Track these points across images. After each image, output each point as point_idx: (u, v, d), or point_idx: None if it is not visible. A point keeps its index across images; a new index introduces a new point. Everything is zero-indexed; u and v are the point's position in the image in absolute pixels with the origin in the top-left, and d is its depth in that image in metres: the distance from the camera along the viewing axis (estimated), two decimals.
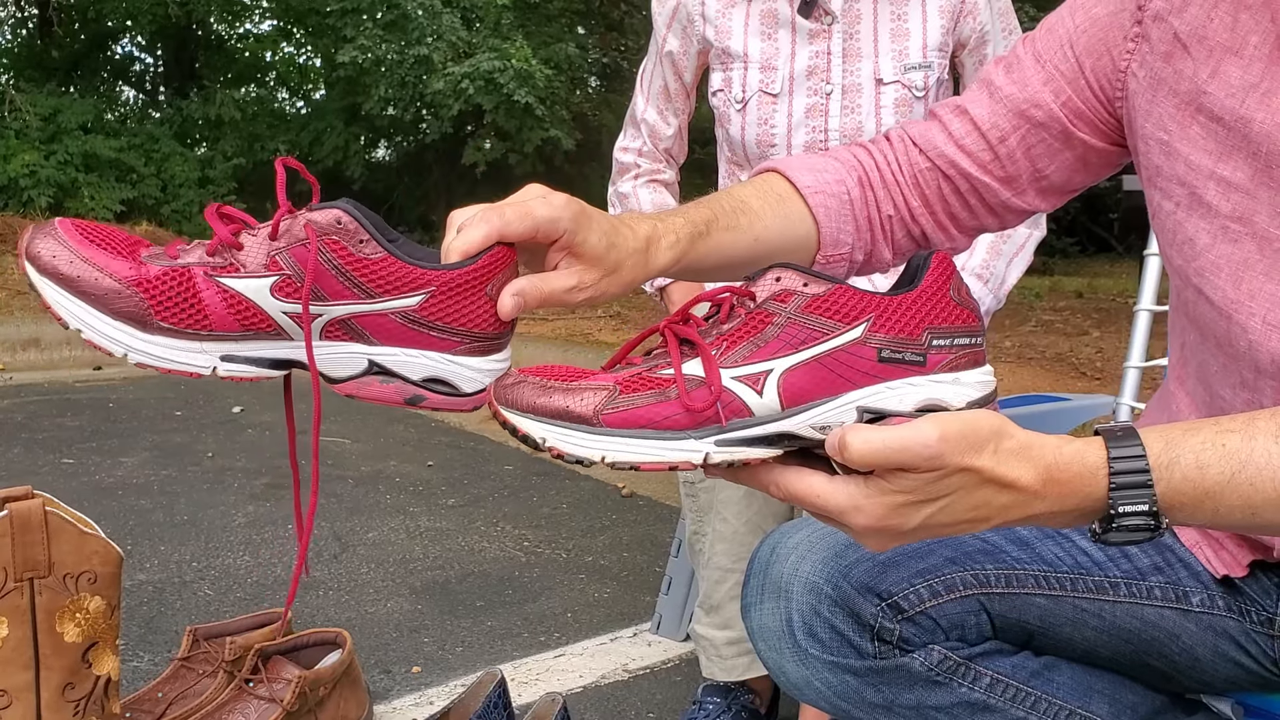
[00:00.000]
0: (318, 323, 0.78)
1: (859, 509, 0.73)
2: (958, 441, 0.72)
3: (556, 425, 0.73)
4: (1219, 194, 0.93)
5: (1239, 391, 0.96)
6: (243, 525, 2.94)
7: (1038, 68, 1.05)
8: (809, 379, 0.77)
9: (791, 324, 0.77)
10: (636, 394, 0.75)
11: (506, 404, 0.75)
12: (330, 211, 0.79)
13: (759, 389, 0.76)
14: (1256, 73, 0.90)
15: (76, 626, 1.39)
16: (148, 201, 12.74)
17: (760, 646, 1.06)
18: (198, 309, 0.77)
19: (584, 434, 0.73)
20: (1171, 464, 0.75)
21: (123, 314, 0.77)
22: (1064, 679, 1.02)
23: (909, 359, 0.78)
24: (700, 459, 0.74)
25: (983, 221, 1.11)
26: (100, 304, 0.77)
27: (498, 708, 1.65)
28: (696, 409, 0.74)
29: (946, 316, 0.80)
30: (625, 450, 0.73)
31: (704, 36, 1.83)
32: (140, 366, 0.78)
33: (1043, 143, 1.05)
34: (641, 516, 3.21)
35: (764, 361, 0.76)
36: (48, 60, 14.68)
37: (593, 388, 0.75)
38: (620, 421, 0.73)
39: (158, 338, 0.77)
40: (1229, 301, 0.93)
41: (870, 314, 0.78)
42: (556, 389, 0.75)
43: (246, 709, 1.66)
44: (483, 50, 11.13)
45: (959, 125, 1.08)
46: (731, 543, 1.82)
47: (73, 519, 1.40)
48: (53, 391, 4.76)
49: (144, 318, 0.77)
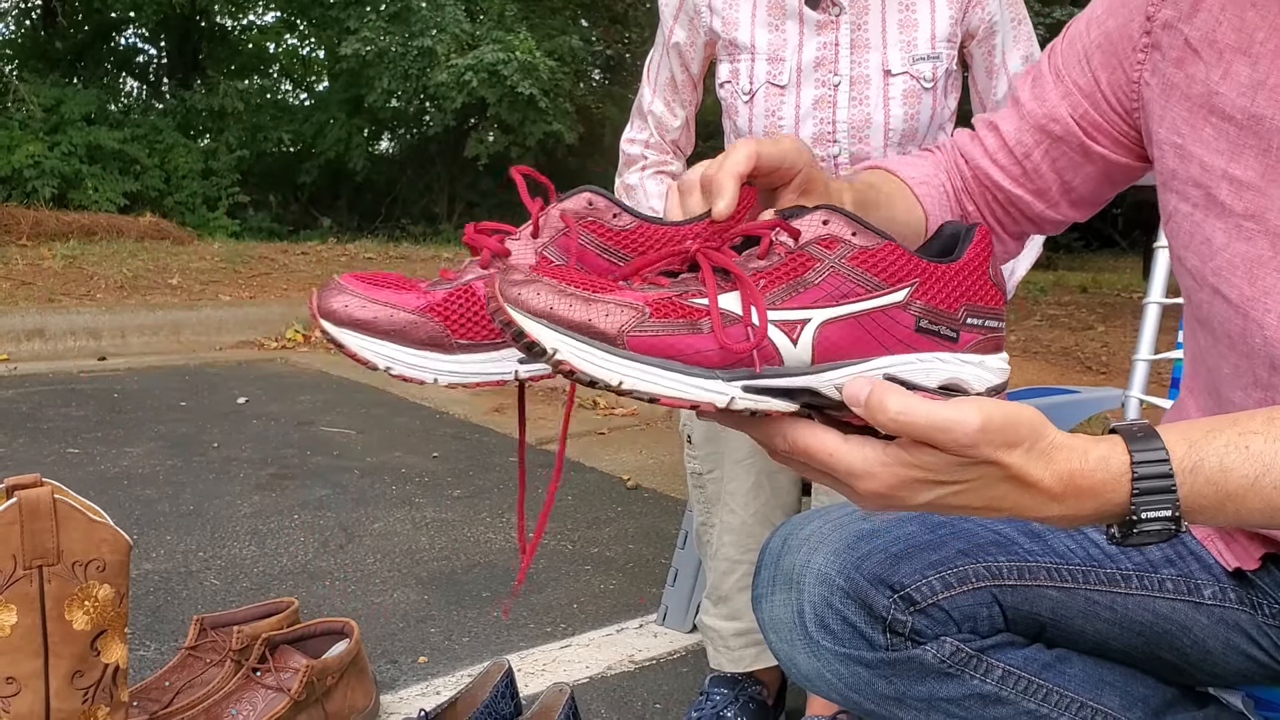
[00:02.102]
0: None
1: (871, 474, 0.71)
2: (997, 434, 0.70)
3: (573, 337, 0.65)
4: (1231, 193, 0.93)
5: (1251, 392, 0.96)
6: (248, 515, 2.95)
7: (1057, 83, 1.08)
8: (845, 335, 0.72)
9: (835, 274, 0.73)
10: (668, 320, 0.68)
11: (514, 302, 0.65)
12: (579, 196, 0.80)
13: (794, 337, 0.71)
14: (1264, 69, 0.90)
15: (85, 614, 1.39)
16: (151, 193, 12.76)
17: (771, 638, 1.06)
18: (488, 318, 0.78)
19: (604, 353, 0.65)
20: (1195, 468, 0.74)
21: (423, 342, 0.78)
22: (1075, 671, 1.02)
23: (944, 333, 0.75)
24: (725, 403, 0.68)
25: (1023, 228, 1.15)
26: (401, 338, 0.77)
27: (505, 698, 1.65)
28: (734, 350, 0.68)
29: (983, 295, 0.77)
30: (647, 379, 0.66)
31: (711, 28, 1.82)
32: (451, 388, 0.79)
33: (1065, 156, 1.08)
34: (647, 508, 3.20)
35: (803, 309, 0.71)
36: (51, 51, 14.68)
37: (620, 304, 0.67)
38: (647, 347, 0.66)
39: (459, 356, 0.78)
40: (1245, 299, 0.93)
41: (915, 279, 0.75)
42: (577, 296, 0.66)
43: (254, 698, 1.66)
44: (486, 42, 11.13)
45: (992, 140, 1.12)
46: (739, 534, 1.82)
47: (81, 507, 1.40)
48: (58, 382, 4.76)
49: (442, 340, 0.78)
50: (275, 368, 5.46)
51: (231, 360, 5.59)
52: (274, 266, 7.90)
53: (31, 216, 8.60)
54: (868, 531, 1.04)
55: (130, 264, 7.14)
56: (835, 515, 1.08)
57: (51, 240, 8.01)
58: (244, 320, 6.28)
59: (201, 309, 6.24)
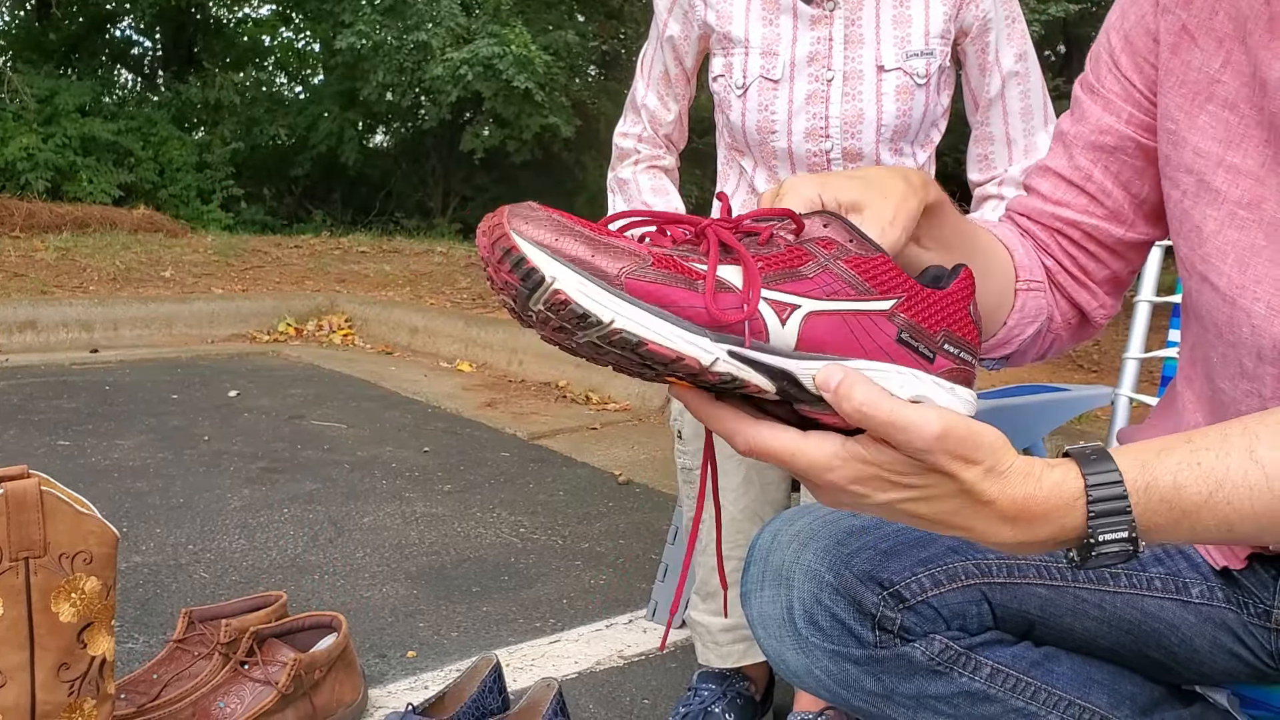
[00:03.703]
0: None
1: (830, 468, 0.72)
2: (955, 446, 0.70)
3: (572, 269, 0.65)
4: (1228, 180, 0.93)
5: (1238, 382, 0.96)
6: (238, 509, 2.94)
7: (1093, 98, 1.08)
8: (830, 329, 0.73)
9: (828, 272, 0.74)
10: (667, 272, 0.68)
11: (519, 231, 0.65)
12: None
13: (783, 318, 0.72)
14: (1259, 58, 0.90)
15: (72, 607, 1.39)
16: (145, 186, 12.72)
17: (760, 634, 1.05)
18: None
19: (600, 289, 0.65)
20: (1149, 487, 0.74)
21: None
22: (1063, 669, 1.02)
23: (922, 351, 0.76)
24: (709, 361, 0.68)
25: (1111, 268, 1.12)
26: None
27: (493, 693, 1.65)
28: (723, 315, 0.68)
29: (962, 328, 0.80)
30: (638, 321, 0.66)
31: (705, 21, 1.82)
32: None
33: (1126, 166, 1.07)
34: (638, 504, 3.20)
35: (794, 295, 0.73)
36: (46, 42, 14.63)
37: (624, 249, 0.68)
38: (643, 292, 0.66)
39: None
40: (1234, 287, 0.93)
41: (902, 293, 0.76)
42: (583, 236, 0.67)
43: (241, 691, 1.66)
44: (482, 36, 11.09)
45: (1047, 184, 1.11)
46: (728, 529, 1.82)
47: (69, 499, 1.39)
48: (49, 373, 4.75)
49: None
50: (267, 361, 5.45)
51: (223, 353, 5.58)
52: (267, 260, 7.88)
53: (24, 208, 8.58)
54: (857, 528, 1.04)
55: (123, 256, 7.12)
56: (824, 512, 1.08)
57: (44, 232, 7.99)
58: (236, 313, 6.27)
59: (194, 302, 6.22)
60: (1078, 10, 8.88)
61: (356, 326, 6.43)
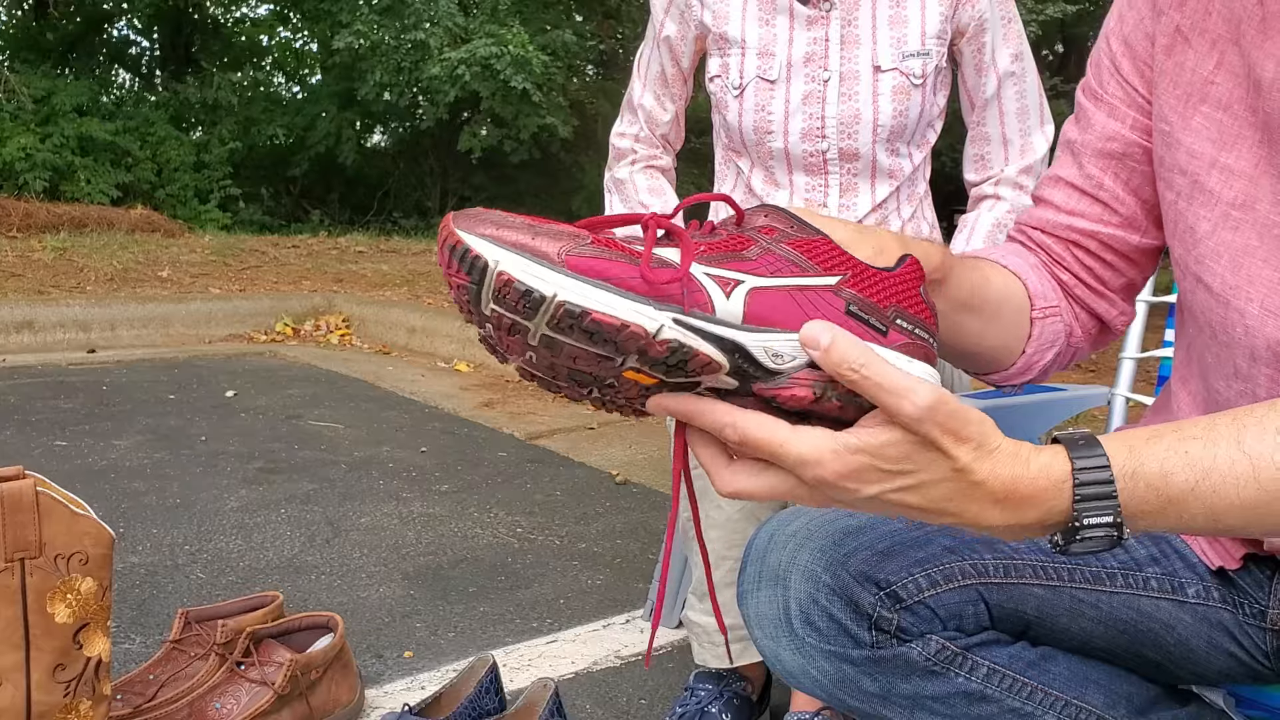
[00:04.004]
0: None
1: (820, 461, 0.71)
2: (946, 419, 0.70)
3: (515, 252, 0.68)
4: (1221, 181, 0.93)
5: (1232, 382, 0.96)
6: (235, 509, 2.94)
7: (1097, 105, 1.07)
8: (776, 304, 0.73)
9: (770, 253, 0.75)
10: (606, 248, 0.70)
11: (463, 226, 0.69)
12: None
13: (727, 292, 0.72)
14: (1255, 60, 0.90)
15: (68, 607, 1.39)
16: (143, 185, 12.71)
17: (756, 634, 1.05)
18: None
19: (543, 267, 0.67)
20: (1135, 473, 0.74)
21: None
22: (1060, 669, 1.02)
23: (874, 324, 0.76)
24: (655, 326, 0.69)
25: (1127, 275, 1.11)
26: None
27: (489, 693, 1.65)
28: (660, 285, 0.70)
29: (914, 306, 0.79)
30: (580, 293, 0.67)
31: (701, 21, 1.82)
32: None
33: (1136, 172, 1.06)
34: (635, 504, 3.20)
35: (738, 272, 0.73)
36: (43, 42, 14.62)
37: (562, 232, 0.70)
38: (584, 267, 0.68)
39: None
40: (1228, 287, 0.93)
41: (847, 270, 0.76)
42: (522, 225, 0.70)
43: (238, 692, 1.65)
44: (479, 36, 11.10)
45: (1060, 194, 1.10)
46: (725, 529, 1.82)
47: (64, 499, 1.39)
48: (46, 374, 4.75)
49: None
50: (264, 361, 5.45)
51: (220, 353, 5.58)
52: (264, 260, 7.88)
53: (22, 208, 8.56)
54: (854, 528, 1.04)
55: (120, 256, 7.12)
56: (821, 512, 1.08)
57: (42, 232, 7.97)
58: (233, 313, 6.27)
59: (191, 302, 6.22)
60: (1075, 11, 8.90)
61: (354, 326, 6.43)
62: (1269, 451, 0.74)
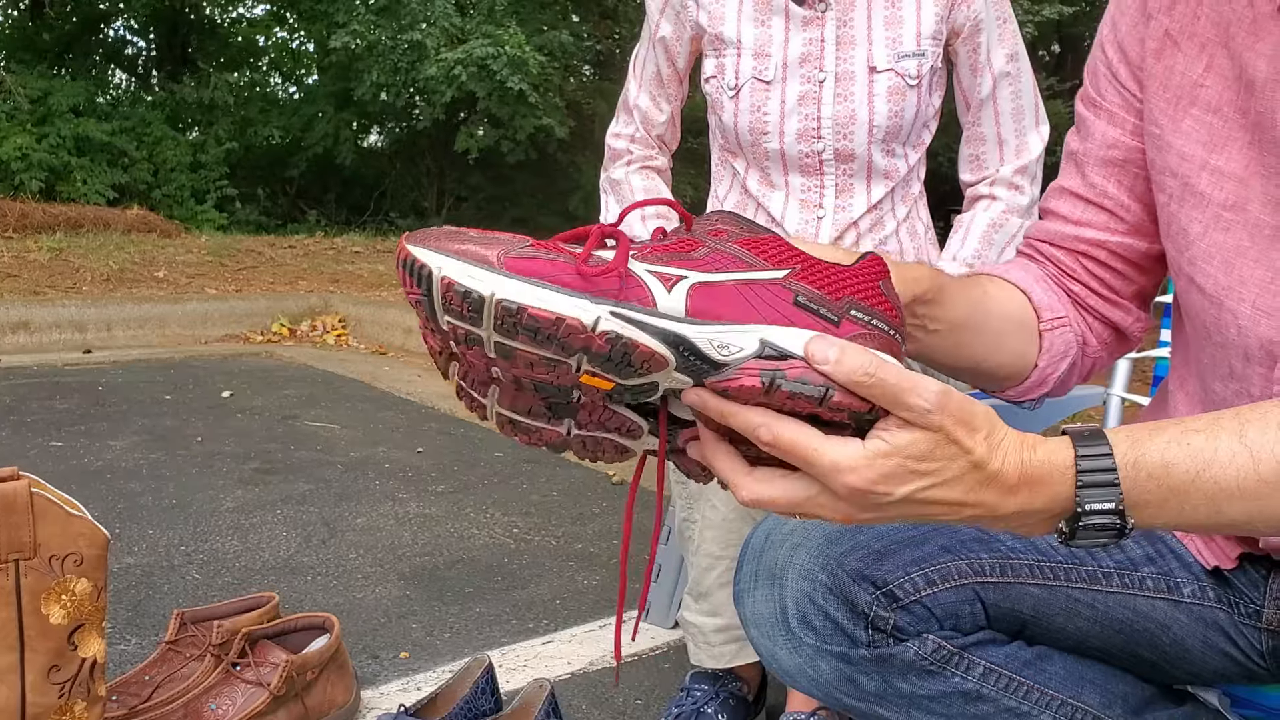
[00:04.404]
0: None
1: (854, 469, 0.72)
2: (956, 409, 0.72)
3: (456, 259, 0.71)
4: (1212, 183, 0.93)
5: (1228, 383, 0.96)
6: (231, 510, 2.93)
7: (1096, 113, 1.07)
8: (720, 297, 0.74)
9: (717, 252, 0.76)
10: (540, 250, 0.73)
11: (414, 241, 0.73)
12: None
13: (668, 287, 0.73)
14: (1245, 62, 0.91)
15: (62, 608, 1.38)
16: (139, 186, 12.70)
17: (753, 633, 1.05)
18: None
19: (482, 270, 0.71)
20: (1137, 462, 0.75)
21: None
22: (1056, 669, 1.02)
23: (824, 314, 0.76)
24: (591, 319, 0.70)
25: (1138, 283, 1.11)
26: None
27: (485, 694, 1.65)
28: (591, 274, 0.71)
29: (871, 298, 0.79)
30: (521, 293, 0.70)
31: (697, 22, 1.82)
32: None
33: (1138, 179, 1.06)
34: None
35: (682, 269, 0.75)
36: (39, 42, 14.58)
37: (503, 239, 0.73)
38: (521, 268, 0.71)
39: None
40: (1220, 288, 0.93)
41: (797, 264, 0.77)
42: (471, 238, 0.73)
43: (233, 693, 1.65)
44: (476, 36, 11.09)
45: (1066, 205, 1.11)
46: (721, 529, 1.82)
47: (59, 500, 1.39)
48: (42, 374, 4.74)
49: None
50: (260, 362, 5.44)
51: (216, 354, 5.57)
52: (260, 260, 7.87)
53: (18, 209, 8.55)
54: (850, 528, 1.04)
55: (116, 257, 7.11)
56: None
57: (38, 232, 7.96)
58: (230, 314, 6.26)
59: (187, 302, 6.21)
60: (1071, 12, 8.90)
61: (350, 327, 6.43)
62: (1270, 444, 0.74)
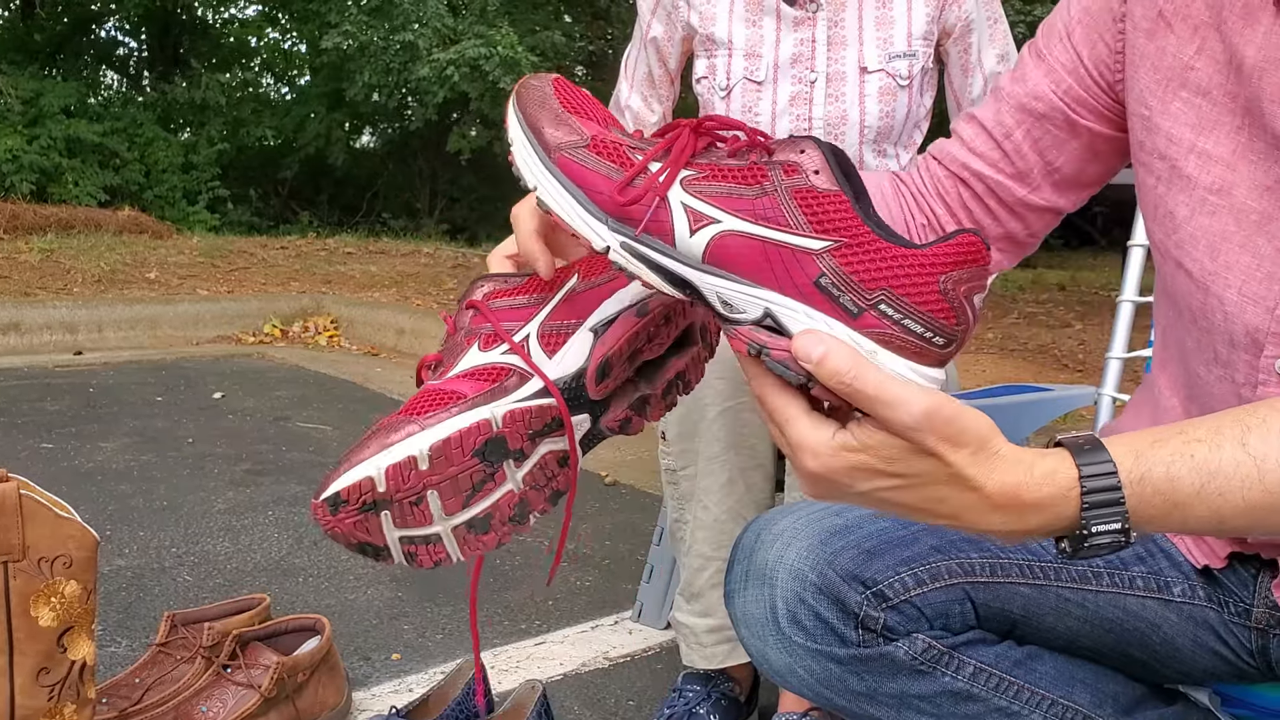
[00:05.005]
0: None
1: (815, 454, 0.71)
2: (942, 426, 0.70)
3: (527, 136, 0.75)
4: (1199, 166, 0.93)
5: (1212, 367, 0.96)
6: (222, 511, 2.93)
7: (1038, 63, 1.07)
8: (743, 251, 0.71)
9: (771, 197, 0.71)
10: (598, 158, 0.73)
11: (516, 103, 0.76)
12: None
13: (694, 229, 0.71)
14: (1235, 46, 0.91)
15: (51, 611, 1.38)
16: (131, 187, 12.67)
17: (744, 633, 1.05)
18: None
19: (536, 159, 0.74)
20: (1143, 479, 0.74)
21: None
22: (1046, 669, 1.02)
23: (843, 302, 0.71)
24: (601, 247, 0.72)
25: (1006, 227, 1.11)
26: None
27: (475, 696, 1.64)
28: (623, 204, 0.71)
29: (918, 293, 0.70)
30: (554, 198, 0.73)
31: (688, 22, 1.82)
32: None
33: (1048, 134, 1.07)
34: (624, 505, 3.20)
35: (719, 210, 0.72)
36: (30, 43, 14.55)
37: (573, 127, 0.75)
38: (567, 170, 0.73)
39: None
40: (1206, 273, 0.93)
41: (843, 237, 0.70)
42: (553, 110, 0.76)
43: (224, 695, 1.65)
44: (468, 37, 11.08)
45: (968, 131, 1.11)
46: (712, 530, 1.81)
47: (48, 502, 1.38)
48: (32, 376, 4.73)
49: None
50: (252, 363, 5.43)
51: (208, 355, 5.56)
52: (252, 261, 7.86)
53: (9, 210, 8.51)
54: (841, 527, 1.04)
55: (108, 258, 7.09)
56: (808, 511, 1.08)
57: (29, 234, 7.93)
58: (221, 315, 6.25)
59: (179, 303, 6.20)
60: None
61: (342, 328, 6.41)
62: (1273, 453, 0.74)
